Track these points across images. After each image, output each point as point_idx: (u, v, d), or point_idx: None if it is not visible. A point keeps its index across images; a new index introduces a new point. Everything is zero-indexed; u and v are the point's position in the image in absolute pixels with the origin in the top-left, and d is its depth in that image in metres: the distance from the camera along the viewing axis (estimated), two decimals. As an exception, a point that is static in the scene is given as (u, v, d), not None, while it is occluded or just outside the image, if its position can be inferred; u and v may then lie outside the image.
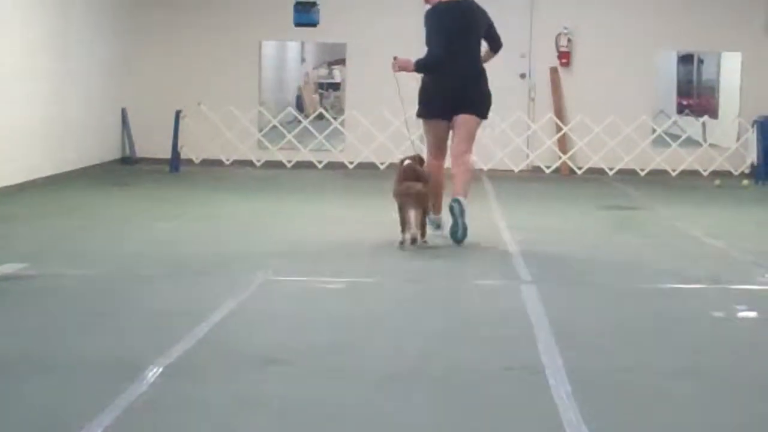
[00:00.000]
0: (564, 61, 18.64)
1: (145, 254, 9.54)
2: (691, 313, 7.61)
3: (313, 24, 18.74)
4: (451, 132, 10.70)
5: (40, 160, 14.95)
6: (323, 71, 31.84)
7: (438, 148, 10.70)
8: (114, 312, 7.31)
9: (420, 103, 10.79)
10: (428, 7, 10.81)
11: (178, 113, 17.68)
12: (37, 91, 14.87)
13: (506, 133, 17.41)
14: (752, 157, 17.72)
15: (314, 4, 18.65)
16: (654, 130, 18.54)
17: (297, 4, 18.65)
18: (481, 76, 10.68)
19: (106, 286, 8.14)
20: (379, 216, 11.78)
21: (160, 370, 5.79)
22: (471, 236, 10.21)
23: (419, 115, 10.85)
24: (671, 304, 7.96)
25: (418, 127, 17.54)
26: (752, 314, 7.61)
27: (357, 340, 6.65)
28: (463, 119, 10.58)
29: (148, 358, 5.96)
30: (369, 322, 7.16)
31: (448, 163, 10.72)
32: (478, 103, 10.66)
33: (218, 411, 5.26)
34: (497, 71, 15.59)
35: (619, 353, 6.46)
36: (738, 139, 18.43)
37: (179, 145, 17.57)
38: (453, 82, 10.54)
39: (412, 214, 9.86)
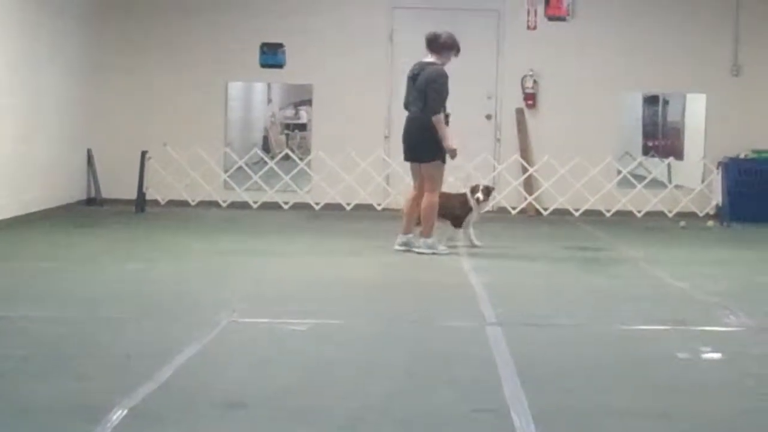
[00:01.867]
0: (530, 102, 18.74)
1: (110, 296, 9.48)
2: (656, 354, 7.62)
3: (280, 65, 18.79)
4: None
5: (4, 200, 14.86)
6: (289, 112, 31.86)
7: (414, 181, 12.66)
8: (78, 354, 7.26)
9: None
10: None
11: (143, 154, 17.66)
12: (1, 131, 14.80)
13: (472, 174, 17.44)
14: (717, 198, 17.84)
15: (280, 45, 18.69)
16: (619, 172, 18.63)
17: (263, 46, 18.70)
18: (418, 128, 12.26)
19: (71, 329, 8.07)
20: (345, 257, 11.75)
21: (125, 412, 5.74)
22: (436, 277, 10.83)
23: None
24: (636, 345, 7.97)
25: (385, 168, 17.64)
26: (717, 356, 7.62)
27: (321, 383, 6.62)
28: (418, 166, 12.47)
29: (113, 400, 5.91)
30: (333, 364, 7.13)
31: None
32: (414, 151, 12.40)
33: (182, 454, 5.23)
34: (463, 113, 15.72)
35: (584, 394, 6.45)
36: (703, 180, 18.54)
37: (145, 186, 17.53)
38: (404, 129, 12.53)
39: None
